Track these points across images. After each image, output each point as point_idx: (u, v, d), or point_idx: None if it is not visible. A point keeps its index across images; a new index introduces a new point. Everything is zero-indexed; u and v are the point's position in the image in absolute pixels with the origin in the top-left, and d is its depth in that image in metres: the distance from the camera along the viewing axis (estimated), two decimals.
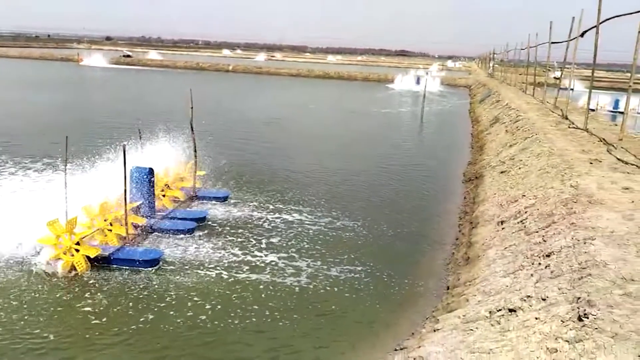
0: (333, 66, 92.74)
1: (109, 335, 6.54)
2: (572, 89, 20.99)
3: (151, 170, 10.40)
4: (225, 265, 8.67)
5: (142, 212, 10.21)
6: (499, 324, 5.06)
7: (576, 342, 4.03)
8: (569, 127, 15.43)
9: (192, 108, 12.26)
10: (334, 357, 6.38)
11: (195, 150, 12.34)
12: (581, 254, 5.63)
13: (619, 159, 10.30)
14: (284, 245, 9.68)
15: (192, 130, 12.24)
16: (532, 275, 5.85)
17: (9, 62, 67.23)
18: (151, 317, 7.01)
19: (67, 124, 22.02)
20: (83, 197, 9.10)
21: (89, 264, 8.27)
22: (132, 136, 12.74)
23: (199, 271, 8.39)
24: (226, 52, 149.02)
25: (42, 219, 8.29)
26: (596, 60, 14.16)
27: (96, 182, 10.02)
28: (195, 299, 7.53)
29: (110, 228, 9.20)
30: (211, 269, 8.48)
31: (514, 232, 7.93)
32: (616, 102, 35.35)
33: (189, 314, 7.13)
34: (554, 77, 36.75)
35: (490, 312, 5.39)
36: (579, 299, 4.64)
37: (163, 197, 11.30)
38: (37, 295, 7.45)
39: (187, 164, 12.55)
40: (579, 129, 14.84)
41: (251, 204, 12.02)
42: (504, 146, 15.85)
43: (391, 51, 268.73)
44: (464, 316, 5.69)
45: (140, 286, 7.84)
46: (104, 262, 8.44)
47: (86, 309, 7.14)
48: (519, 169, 11.78)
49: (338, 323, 7.13)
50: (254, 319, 7.06)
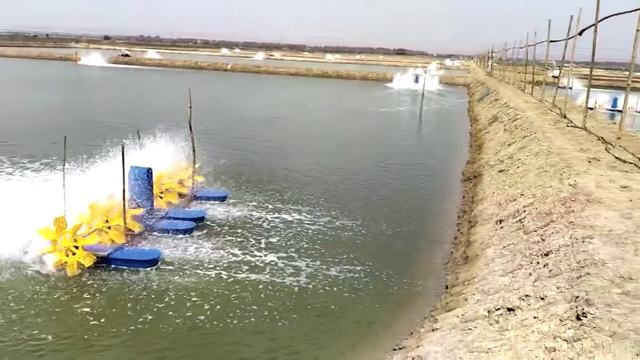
0: (331, 65, 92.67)
1: (107, 337, 6.53)
2: (571, 88, 21.01)
3: (150, 170, 10.39)
4: (224, 265, 8.67)
5: (141, 216, 10.16)
6: (498, 323, 5.06)
7: (575, 341, 4.04)
8: (567, 126, 15.44)
9: (190, 107, 12.26)
10: (333, 357, 6.38)
11: (194, 150, 12.33)
12: (579, 253, 5.63)
13: (617, 158, 10.31)
14: (283, 245, 9.68)
15: (191, 129, 12.23)
16: (530, 274, 5.85)
17: (7, 62, 67.11)
18: (150, 317, 7.00)
19: (66, 123, 21.98)
20: (82, 197, 9.09)
21: (93, 256, 8.25)
22: (131, 136, 12.73)
23: (198, 271, 8.39)
24: (225, 51, 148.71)
25: (41, 219, 8.29)
26: (594, 59, 14.17)
27: (94, 182, 10.00)
28: (194, 299, 7.52)
29: (109, 227, 9.20)
30: (210, 269, 8.48)
31: (512, 231, 7.94)
32: (615, 101, 35.39)
33: (188, 314, 7.13)
34: (553, 76, 36.79)
35: (488, 312, 5.40)
36: (577, 298, 4.65)
37: (161, 197, 11.30)
38: (35, 296, 7.44)
39: (185, 163, 12.55)
40: (578, 127, 14.86)
41: (250, 203, 12.02)
42: (502, 145, 15.85)
43: (390, 50, 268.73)
44: (462, 315, 5.70)
45: (139, 286, 7.83)
46: (103, 262, 8.43)
47: (85, 309, 7.13)
48: (518, 167, 11.79)
49: (337, 323, 7.14)
50: (253, 319, 7.06)
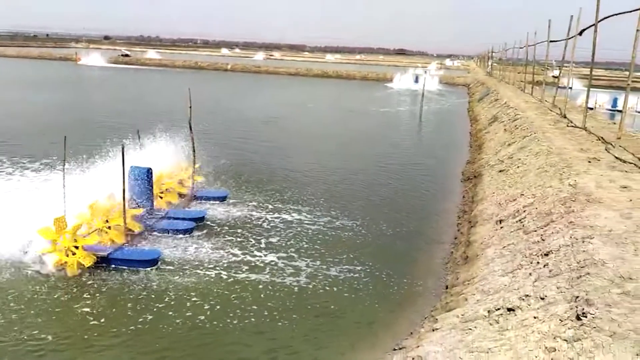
0: (331, 65, 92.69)
1: (107, 337, 6.53)
2: (571, 88, 21.01)
3: (149, 170, 10.39)
4: (224, 265, 8.67)
5: (141, 216, 10.16)
6: (498, 323, 5.06)
7: (575, 341, 4.04)
8: (567, 126, 15.44)
9: (190, 107, 12.26)
10: (333, 357, 6.38)
11: (194, 150, 12.33)
12: (579, 253, 5.63)
13: (617, 158, 10.31)
14: (283, 245, 9.68)
15: (191, 129, 12.24)
16: (530, 274, 5.85)
17: (7, 62, 67.11)
18: (150, 317, 7.00)
19: (66, 123, 21.98)
20: (80, 198, 9.08)
21: (93, 256, 8.24)
22: (131, 136, 12.73)
23: (198, 271, 8.39)
24: (225, 51, 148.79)
25: (41, 219, 8.28)
26: (594, 59, 14.17)
27: (94, 182, 10.00)
28: (194, 299, 7.52)
29: (109, 227, 9.20)
30: (210, 269, 8.48)
31: (512, 231, 7.94)
32: (614, 101, 35.40)
33: (188, 314, 7.13)
34: (553, 76, 36.79)
35: (488, 312, 5.40)
36: (577, 298, 4.65)
37: (161, 197, 11.30)
38: (35, 296, 7.44)
39: (185, 163, 12.55)
40: (578, 127, 14.85)
41: (250, 203, 12.02)
42: (502, 145, 15.85)
43: (390, 50, 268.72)
44: (462, 315, 5.70)
45: (139, 286, 7.83)
46: (103, 262, 8.43)
47: (85, 309, 7.13)
48: (518, 167, 11.79)
49: (337, 323, 7.14)
50: (253, 319, 7.06)
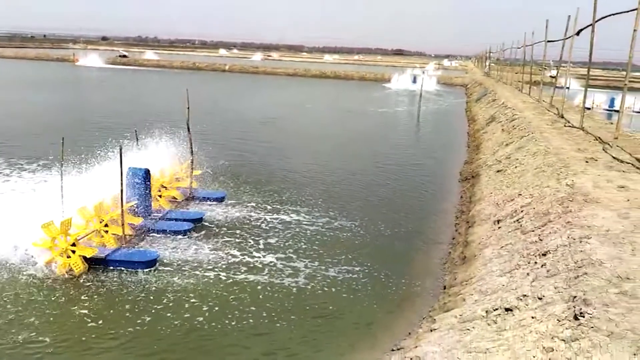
0: (330, 65, 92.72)
1: (105, 339, 6.52)
2: (568, 88, 21.07)
3: (147, 171, 10.38)
4: (223, 266, 8.66)
5: (138, 212, 10.19)
6: (496, 323, 5.07)
7: (572, 341, 4.05)
8: (564, 126, 15.46)
9: (188, 108, 12.25)
10: (332, 358, 6.38)
11: (191, 151, 12.32)
12: (577, 253, 5.64)
13: (614, 158, 10.33)
14: (282, 245, 9.67)
15: (189, 130, 12.23)
16: (528, 274, 5.86)
17: (5, 63, 66.92)
18: (148, 319, 6.99)
19: (64, 124, 21.94)
20: (79, 198, 9.08)
21: (86, 265, 8.25)
22: (128, 137, 12.72)
23: (196, 272, 8.38)
24: (223, 51, 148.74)
25: (36, 220, 8.26)
26: (592, 59, 14.17)
27: (92, 183, 9.99)
28: (193, 300, 7.51)
29: (107, 229, 9.19)
30: (208, 270, 8.47)
31: (510, 231, 7.95)
32: (612, 101, 35.50)
33: (186, 315, 7.12)
34: (550, 76, 36.90)
35: (486, 312, 5.40)
36: (574, 297, 4.66)
37: (160, 198, 11.29)
38: (32, 298, 7.42)
39: (183, 165, 12.54)
40: (575, 127, 14.89)
41: (248, 204, 12.01)
42: (500, 145, 15.88)
43: (388, 50, 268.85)
44: (460, 316, 5.70)
45: (137, 288, 7.82)
46: (101, 263, 8.42)
47: (82, 311, 7.12)
48: (515, 167, 11.81)
49: (336, 324, 7.13)
50: (251, 321, 7.05)
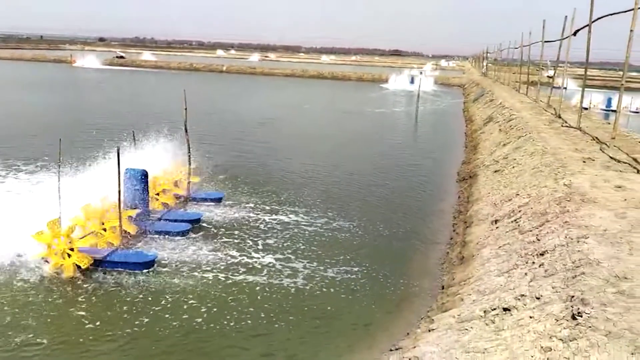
0: (327, 66, 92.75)
1: (103, 341, 6.50)
2: (565, 88, 21.09)
3: (145, 172, 10.35)
4: (221, 267, 8.65)
5: (137, 216, 10.13)
6: (494, 323, 5.08)
7: (570, 341, 4.05)
8: (562, 126, 15.50)
9: (185, 109, 12.24)
10: (331, 359, 6.37)
11: (189, 151, 12.31)
12: (575, 253, 5.65)
13: (611, 158, 10.37)
14: (280, 246, 9.67)
15: (186, 131, 12.22)
16: (526, 274, 5.87)
17: (1, 64, 66.70)
18: (146, 320, 6.97)
19: (61, 125, 21.88)
20: (77, 199, 9.04)
21: (77, 271, 8.16)
22: (126, 138, 12.68)
23: (194, 273, 8.36)
24: (220, 52, 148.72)
25: (34, 221, 8.23)
26: (589, 59, 14.23)
27: (90, 184, 9.95)
28: (191, 302, 7.50)
29: (104, 230, 9.16)
30: (207, 271, 8.45)
31: (508, 231, 7.96)
32: (609, 101, 35.63)
33: (184, 317, 7.10)
34: (547, 76, 36.94)
35: (484, 312, 5.41)
36: (572, 297, 4.67)
37: (157, 199, 11.26)
38: (30, 299, 7.39)
39: (181, 165, 12.51)
40: (572, 127, 14.93)
41: (246, 205, 12.00)
42: (497, 145, 15.90)
43: (385, 51, 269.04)
44: (458, 316, 5.71)
45: (135, 289, 7.80)
46: (98, 265, 8.39)
47: (80, 313, 7.09)
48: (513, 168, 11.83)
49: (334, 325, 7.13)
50: (250, 322, 7.04)
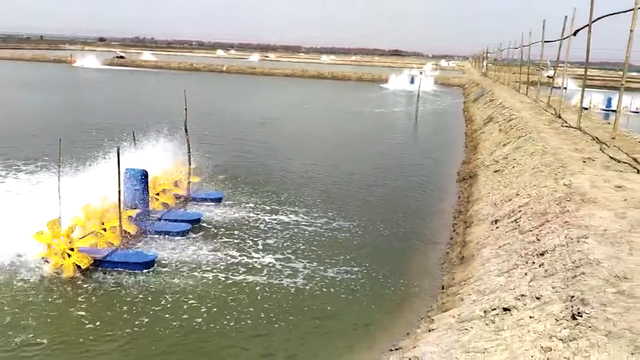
0: (327, 66, 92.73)
1: (103, 341, 6.50)
2: (565, 88, 21.09)
3: (145, 172, 10.35)
4: (221, 267, 8.65)
5: (137, 216, 10.13)
6: (494, 323, 5.08)
7: (570, 341, 4.05)
8: (562, 126, 15.50)
9: (185, 109, 12.25)
10: (331, 359, 6.37)
11: (189, 151, 12.31)
12: (575, 253, 5.65)
13: (611, 158, 10.36)
14: (280, 246, 9.67)
15: (186, 131, 12.22)
16: (526, 274, 5.87)
17: (1, 64, 66.71)
18: (146, 320, 6.97)
19: (61, 125, 21.88)
20: (77, 199, 9.03)
21: (77, 271, 8.16)
22: (126, 138, 12.68)
23: (194, 273, 8.36)
24: (220, 52, 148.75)
25: (35, 222, 8.23)
26: (589, 59, 14.24)
27: (89, 185, 9.95)
28: (191, 302, 7.50)
29: (104, 230, 9.16)
30: (207, 271, 8.46)
31: (508, 231, 7.96)
32: (609, 101, 35.62)
33: (184, 317, 7.10)
34: (547, 76, 36.95)
35: (484, 312, 5.41)
36: (572, 297, 4.67)
37: (157, 199, 11.26)
38: (30, 299, 7.38)
39: (181, 165, 12.51)
40: (572, 127, 14.93)
41: (246, 205, 12.00)
42: (497, 145, 15.90)
43: (385, 51, 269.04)
44: (458, 316, 5.71)
45: (135, 289, 7.80)
46: (98, 265, 8.39)
47: (80, 313, 7.09)
48: (513, 167, 11.83)
49: (334, 325, 7.13)
50: (250, 322, 7.04)
